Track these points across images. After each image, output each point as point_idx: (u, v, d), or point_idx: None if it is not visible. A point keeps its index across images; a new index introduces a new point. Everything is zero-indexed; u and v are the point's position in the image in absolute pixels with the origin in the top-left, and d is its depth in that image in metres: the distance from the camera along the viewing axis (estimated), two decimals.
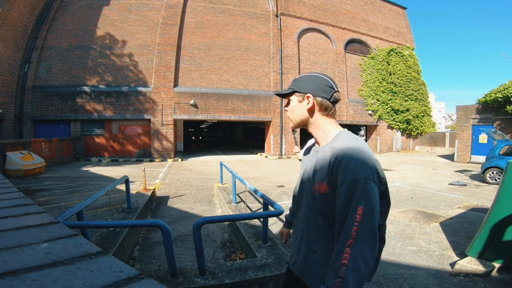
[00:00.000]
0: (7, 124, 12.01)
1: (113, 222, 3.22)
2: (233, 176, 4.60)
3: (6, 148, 8.06)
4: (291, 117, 1.10)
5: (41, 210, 0.83)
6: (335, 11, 17.35)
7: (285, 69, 15.21)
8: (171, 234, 1.97)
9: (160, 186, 7.03)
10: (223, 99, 14.02)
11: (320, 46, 16.72)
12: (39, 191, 6.20)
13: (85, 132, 13.06)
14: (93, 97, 12.89)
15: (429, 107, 19.86)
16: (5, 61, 11.74)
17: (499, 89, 11.79)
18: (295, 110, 1.07)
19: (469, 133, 13.20)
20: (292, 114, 1.09)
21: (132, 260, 3.00)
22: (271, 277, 2.09)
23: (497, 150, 8.10)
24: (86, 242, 0.59)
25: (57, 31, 13.26)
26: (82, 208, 2.38)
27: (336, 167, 0.89)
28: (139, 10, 13.98)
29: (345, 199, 0.85)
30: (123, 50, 13.48)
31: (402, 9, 20.74)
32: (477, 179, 8.40)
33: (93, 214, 4.49)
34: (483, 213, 4.28)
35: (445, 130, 39.16)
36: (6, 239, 0.60)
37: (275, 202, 2.74)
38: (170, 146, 13.29)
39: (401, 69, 18.51)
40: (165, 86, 13.33)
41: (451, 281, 2.61)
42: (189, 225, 4.01)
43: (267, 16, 15.57)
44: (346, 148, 0.90)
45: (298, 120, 1.08)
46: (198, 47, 14.16)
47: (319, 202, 0.96)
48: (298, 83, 1.07)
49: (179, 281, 1.95)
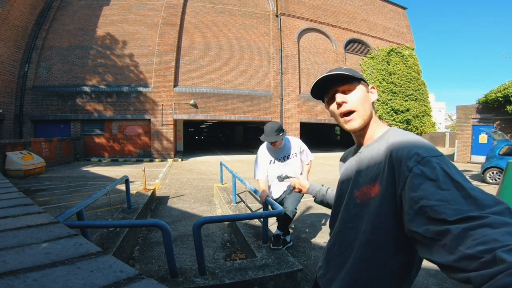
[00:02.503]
0: (7, 124, 12.01)
1: (113, 222, 3.22)
2: (233, 176, 4.60)
3: (6, 148, 8.06)
4: (361, 110, 0.82)
5: (41, 210, 0.83)
6: (335, 11, 17.35)
7: (285, 69, 15.21)
8: (171, 234, 1.97)
9: (160, 186, 7.03)
10: (223, 99, 14.02)
11: (320, 46, 16.73)
12: (39, 191, 6.20)
13: (85, 132, 13.06)
14: (93, 97, 12.89)
15: (429, 107, 19.85)
16: (5, 61, 11.74)
17: (499, 89, 11.80)
18: (364, 102, 0.82)
19: (469, 133, 13.20)
20: (364, 108, 0.82)
21: (132, 260, 3.00)
22: (271, 277, 2.09)
23: (497, 150, 8.10)
24: (86, 242, 0.59)
25: (57, 31, 13.26)
26: (82, 208, 2.38)
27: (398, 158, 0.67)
28: (139, 10, 13.98)
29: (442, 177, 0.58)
30: (123, 50, 13.48)
31: (402, 9, 20.74)
32: (477, 179, 8.40)
33: (93, 214, 4.49)
34: None
35: (445, 130, 39.18)
36: (6, 239, 0.60)
37: (275, 202, 2.74)
38: (170, 146, 13.29)
39: (401, 69, 18.51)
40: (165, 86, 13.33)
41: (451, 281, 2.61)
42: (189, 225, 4.01)
43: (267, 16, 15.57)
44: (407, 137, 0.72)
45: (367, 116, 0.83)
46: (198, 47, 14.16)
47: (366, 209, 0.76)
48: (353, 72, 0.84)
49: (179, 281, 1.95)
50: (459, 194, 0.53)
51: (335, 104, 0.84)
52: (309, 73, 16.09)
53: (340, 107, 0.83)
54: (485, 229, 0.44)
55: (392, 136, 0.77)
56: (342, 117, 0.84)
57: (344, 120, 0.84)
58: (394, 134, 0.78)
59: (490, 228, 0.44)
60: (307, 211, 4.80)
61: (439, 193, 0.55)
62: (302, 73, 15.87)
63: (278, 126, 2.68)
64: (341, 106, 0.83)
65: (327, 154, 16.48)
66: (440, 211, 0.51)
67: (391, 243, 0.71)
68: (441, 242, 0.49)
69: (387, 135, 0.80)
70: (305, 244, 3.40)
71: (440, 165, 0.60)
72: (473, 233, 0.45)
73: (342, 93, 0.83)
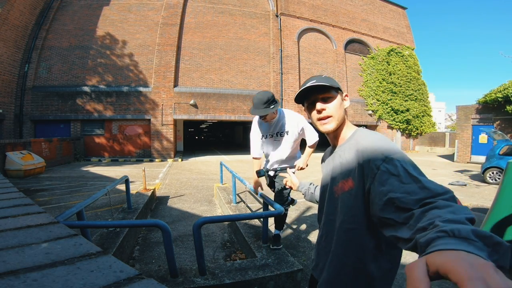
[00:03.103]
0: (7, 124, 12.01)
1: (113, 222, 3.22)
2: (233, 176, 4.60)
3: (6, 148, 8.06)
4: (336, 115, 0.96)
5: (41, 210, 0.83)
6: (335, 11, 17.35)
7: (285, 69, 15.21)
8: (171, 234, 1.97)
9: (160, 186, 7.03)
10: (223, 99, 14.02)
11: (320, 46, 16.73)
12: (39, 191, 6.20)
13: (85, 132, 13.06)
14: (93, 97, 12.89)
15: (429, 107, 19.85)
16: (5, 61, 11.74)
17: (499, 89, 11.79)
18: (339, 109, 0.97)
19: (469, 133, 13.20)
20: (339, 114, 0.97)
21: (132, 260, 3.00)
22: (271, 277, 2.09)
23: (497, 150, 8.10)
24: (86, 242, 0.59)
25: (57, 31, 13.26)
26: (82, 208, 2.38)
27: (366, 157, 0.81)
28: (139, 10, 13.98)
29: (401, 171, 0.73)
30: (123, 50, 13.48)
31: (402, 9, 20.74)
32: (477, 179, 8.39)
33: (93, 214, 4.49)
34: (483, 213, 4.27)
35: (445, 130, 39.18)
36: (6, 239, 0.60)
37: (275, 202, 2.74)
38: (170, 146, 13.29)
39: (401, 69, 18.51)
40: (165, 86, 13.33)
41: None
42: (189, 225, 4.01)
43: (267, 16, 15.57)
44: (373, 138, 0.85)
45: (341, 120, 0.98)
46: (198, 47, 14.16)
47: (341, 201, 0.90)
48: (331, 81, 0.97)
49: (179, 281, 1.95)
50: (417, 186, 0.67)
51: (315, 111, 0.97)
52: (309, 73, 16.08)
53: (319, 113, 0.97)
54: (435, 210, 0.59)
55: (360, 137, 0.90)
56: (318, 120, 0.98)
57: (320, 123, 0.98)
58: (361, 134, 0.92)
59: (437, 209, 0.59)
60: (307, 211, 4.80)
61: (402, 187, 0.69)
62: (302, 73, 15.87)
63: (268, 96, 2.28)
64: (321, 113, 0.96)
65: None
66: (405, 202, 0.65)
67: (366, 229, 0.85)
68: (407, 224, 0.63)
69: (355, 135, 0.94)
70: (305, 244, 3.40)
71: (400, 163, 0.74)
72: (427, 214, 0.59)
73: (322, 100, 0.96)
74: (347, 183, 0.87)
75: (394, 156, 0.76)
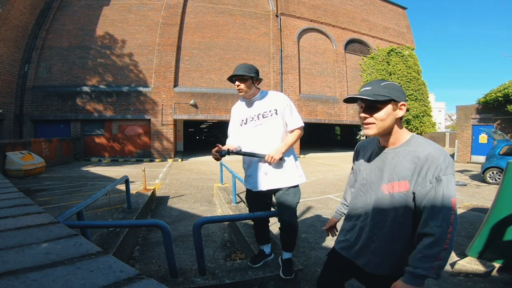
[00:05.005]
0: (7, 124, 12.01)
1: (113, 222, 3.22)
2: (233, 176, 4.60)
3: (6, 148, 8.05)
4: (380, 125, 1.03)
5: (41, 210, 0.83)
6: (335, 11, 17.35)
7: (285, 69, 15.20)
8: (171, 234, 1.97)
9: (160, 186, 7.03)
10: (223, 99, 14.02)
11: (320, 46, 16.72)
12: (39, 191, 6.20)
13: (85, 132, 13.06)
14: (93, 97, 12.89)
15: (429, 107, 19.83)
16: (5, 61, 11.74)
17: (499, 89, 11.79)
18: (388, 119, 1.03)
19: (469, 133, 13.20)
20: (383, 123, 1.03)
21: (132, 260, 3.00)
22: (271, 277, 2.09)
23: (497, 150, 8.10)
24: (86, 242, 0.59)
25: (57, 31, 13.26)
26: (82, 208, 2.38)
27: (427, 166, 0.97)
28: (139, 10, 13.98)
29: (439, 191, 0.94)
30: (123, 50, 13.48)
31: (402, 9, 20.73)
32: (477, 179, 8.40)
33: (93, 214, 4.49)
34: (483, 213, 4.27)
35: (445, 130, 39.17)
36: (6, 239, 0.60)
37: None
38: (170, 146, 13.29)
39: (401, 69, 18.50)
40: (165, 86, 13.33)
41: (451, 281, 2.60)
42: (189, 225, 4.01)
43: (267, 16, 15.57)
44: (432, 150, 0.98)
45: (385, 128, 1.05)
46: (198, 47, 14.16)
47: (394, 200, 1.03)
48: (390, 91, 1.02)
49: (179, 281, 1.95)
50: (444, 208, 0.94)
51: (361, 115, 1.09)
52: (309, 73, 16.08)
53: (363, 119, 1.08)
54: (425, 238, 0.96)
55: (420, 145, 1.02)
56: (362, 123, 1.10)
57: (363, 126, 1.10)
58: (419, 142, 1.03)
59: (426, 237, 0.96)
60: (307, 211, 4.80)
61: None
62: (302, 73, 15.87)
63: (251, 66, 1.98)
64: (364, 118, 1.07)
65: (327, 154, 16.46)
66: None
67: (412, 222, 1.04)
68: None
69: (413, 142, 1.05)
70: (305, 244, 3.40)
71: (448, 180, 0.96)
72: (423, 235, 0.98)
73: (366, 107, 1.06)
74: (403, 185, 1.01)
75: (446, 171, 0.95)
